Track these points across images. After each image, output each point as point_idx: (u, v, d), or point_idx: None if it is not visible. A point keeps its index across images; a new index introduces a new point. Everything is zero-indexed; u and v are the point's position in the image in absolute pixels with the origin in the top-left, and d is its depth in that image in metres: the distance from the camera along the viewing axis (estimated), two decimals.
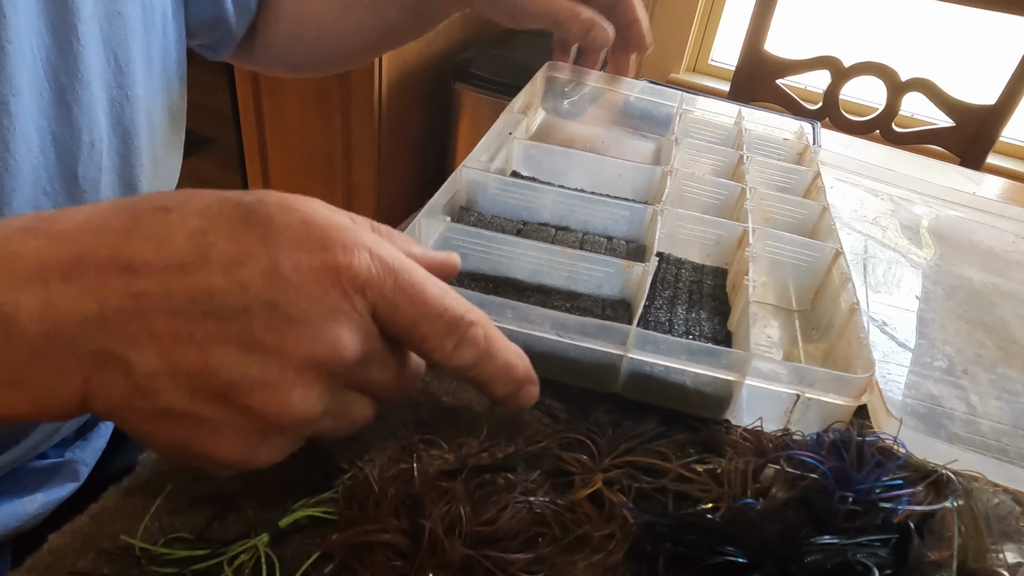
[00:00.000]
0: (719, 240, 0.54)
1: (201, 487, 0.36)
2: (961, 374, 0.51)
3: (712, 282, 0.53)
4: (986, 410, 0.48)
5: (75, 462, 0.58)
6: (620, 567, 0.35)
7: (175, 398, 0.30)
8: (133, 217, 0.30)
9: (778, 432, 0.39)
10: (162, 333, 0.29)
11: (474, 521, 0.33)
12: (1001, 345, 0.56)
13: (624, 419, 0.41)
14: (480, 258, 0.49)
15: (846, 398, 0.40)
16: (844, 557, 0.32)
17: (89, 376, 0.30)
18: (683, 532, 0.34)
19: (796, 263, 0.54)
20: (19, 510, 0.54)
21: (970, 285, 0.63)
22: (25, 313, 0.29)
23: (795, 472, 0.36)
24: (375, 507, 0.34)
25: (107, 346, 0.29)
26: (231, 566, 0.33)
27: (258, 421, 0.30)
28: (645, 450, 0.39)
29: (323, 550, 0.33)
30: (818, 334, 0.51)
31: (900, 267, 0.64)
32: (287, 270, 0.30)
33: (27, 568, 0.33)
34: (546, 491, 0.36)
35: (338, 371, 0.31)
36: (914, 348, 0.53)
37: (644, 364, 0.40)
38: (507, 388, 0.36)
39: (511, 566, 0.33)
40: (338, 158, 1.79)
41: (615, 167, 0.61)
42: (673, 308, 0.49)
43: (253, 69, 0.76)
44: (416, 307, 0.32)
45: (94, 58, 0.47)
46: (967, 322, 0.58)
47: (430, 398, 0.42)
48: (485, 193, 0.56)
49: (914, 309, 0.58)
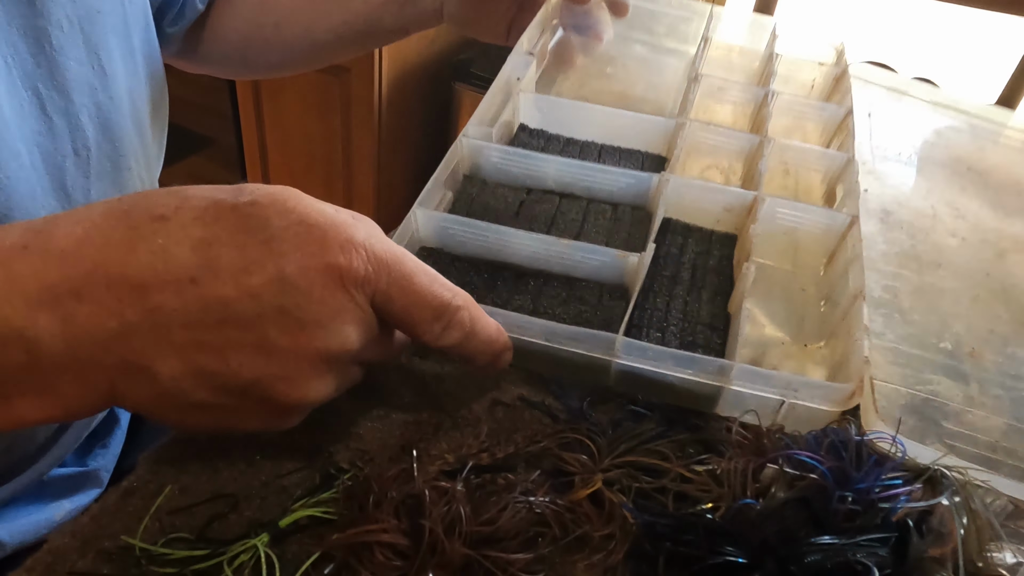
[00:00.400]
0: (728, 207, 0.53)
1: (201, 487, 0.36)
2: (966, 356, 0.49)
3: (719, 252, 0.52)
4: (984, 401, 0.47)
5: (98, 470, 0.59)
6: (620, 567, 0.35)
7: (201, 395, 0.32)
8: (132, 227, 0.31)
9: (774, 429, 0.39)
10: (182, 342, 0.31)
11: (474, 521, 0.33)
12: (1018, 317, 0.53)
13: (624, 419, 0.41)
14: (479, 244, 0.49)
15: (831, 405, 0.40)
16: (844, 557, 0.32)
17: (115, 382, 0.32)
18: (683, 532, 0.34)
19: (808, 230, 0.52)
20: (48, 517, 0.55)
21: (998, 239, 0.59)
22: (46, 334, 0.30)
23: (795, 472, 0.36)
24: (375, 507, 0.34)
25: (130, 358, 0.31)
26: (231, 566, 0.33)
27: (280, 407, 0.33)
28: (645, 450, 0.39)
29: (323, 550, 0.33)
30: (827, 305, 0.50)
31: (930, 221, 0.59)
32: (293, 276, 0.31)
33: (27, 568, 0.33)
34: (546, 491, 0.36)
35: (345, 359, 0.34)
36: (921, 324, 0.51)
37: (633, 367, 0.41)
38: (487, 359, 0.39)
39: (511, 566, 0.33)
40: (338, 158, 1.79)
41: (626, 119, 0.59)
42: (673, 290, 0.48)
43: (200, 69, 0.72)
44: (408, 296, 0.34)
45: (72, 63, 0.46)
46: (987, 289, 0.54)
47: (430, 398, 0.42)
48: (488, 160, 0.55)
49: (933, 275, 0.55)
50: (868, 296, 0.46)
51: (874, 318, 0.49)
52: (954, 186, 0.64)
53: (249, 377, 0.32)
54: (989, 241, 0.59)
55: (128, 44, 0.52)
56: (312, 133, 1.78)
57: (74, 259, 0.30)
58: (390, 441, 0.39)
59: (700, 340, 0.45)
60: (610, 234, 0.51)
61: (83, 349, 0.30)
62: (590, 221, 0.52)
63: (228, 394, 0.32)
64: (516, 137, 0.60)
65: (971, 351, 0.50)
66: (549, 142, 0.60)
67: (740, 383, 0.40)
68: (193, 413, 0.33)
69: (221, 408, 0.33)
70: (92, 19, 0.47)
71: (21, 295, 0.30)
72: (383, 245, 0.34)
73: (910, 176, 0.65)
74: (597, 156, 0.59)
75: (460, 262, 0.48)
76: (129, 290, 0.30)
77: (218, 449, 0.38)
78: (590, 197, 0.54)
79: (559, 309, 0.46)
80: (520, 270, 0.48)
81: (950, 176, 0.65)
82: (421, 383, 0.43)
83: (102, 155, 0.50)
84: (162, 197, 0.32)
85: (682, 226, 0.54)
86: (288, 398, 0.33)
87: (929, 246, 0.58)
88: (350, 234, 0.33)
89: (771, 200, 0.52)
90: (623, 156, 0.60)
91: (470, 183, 0.54)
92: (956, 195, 0.63)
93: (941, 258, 0.56)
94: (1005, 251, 0.59)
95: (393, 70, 1.68)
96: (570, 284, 0.47)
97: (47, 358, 0.30)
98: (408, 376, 0.43)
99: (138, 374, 0.31)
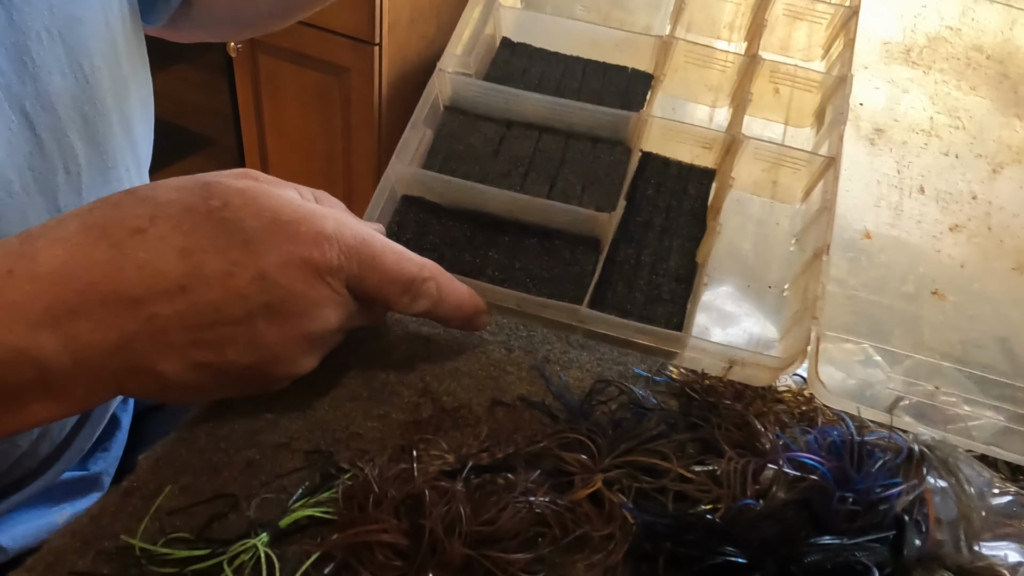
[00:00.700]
0: (707, 143, 0.53)
1: (201, 487, 0.36)
2: (927, 298, 0.48)
3: (695, 192, 0.52)
4: (932, 346, 0.45)
5: (100, 474, 0.59)
6: (620, 567, 0.35)
7: (203, 381, 0.35)
8: (113, 245, 0.33)
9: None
10: (180, 343, 0.34)
11: (474, 521, 0.33)
12: (996, 245, 0.50)
13: (624, 419, 0.41)
14: (457, 195, 0.49)
15: (773, 372, 0.43)
16: (844, 557, 0.32)
17: (123, 383, 0.35)
18: (683, 532, 0.34)
19: (788, 166, 0.53)
20: (50, 521, 0.55)
21: (997, 151, 0.55)
22: (52, 352, 0.32)
23: (795, 473, 0.36)
24: (375, 507, 0.34)
25: (134, 363, 0.34)
26: (231, 566, 0.33)
27: (274, 380, 0.38)
28: (645, 450, 0.39)
29: (323, 550, 0.33)
30: (797, 246, 0.50)
31: (923, 137, 0.55)
32: (274, 274, 0.35)
33: (27, 568, 0.33)
34: (546, 491, 0.36)
35: (328, 336, 0.38)
36: (887, 266, 0.49)
37: (596, 331, 0.45)
38: (460, 322, 0.43)
39: (511, 566, 0.33)
40: (338, 158, 1.79)
41: (612, 36, 0.58)
42: (645, 237, 0.49)
43: (191, 37, 0.70)
44: (378, 275, 0.38)
45: (56, 76, 0.45)
46: (969, 215, 0.51)
47: (430, 398, 0.42)
48: (467, 92, 0.55)
49: (913, 204, 0.51)
50: (839, 237, 0.47)
51: (840, 263, 0.48)
52: (964, 85, 0.59)
53: (245, 363, 0.35)
54: (986, 155, 0.55)
55: (112, 47, 0.50)
56: (312, 133, 1.78)
57: (64, 281, 0.32)
58: (390, 441, 0.39)
59: (665, 293, 0.47)
60: (587, 175, 0.51)
61: (90, 361, 0.33)
62: (568, 161, 0.52)
63: (227, 377, 0.36)
64: (498, 52, 0.59)
65: (934, 291, 0.48)
66: (532, 57, 0.59)
67: (691, 352, 0.44)
68: (198, 394, 0.38)
69: (222, 387, 0.37)
70: (72, 27, 0.45)
71: (21, 319, 0.32)
72: (352, 231, 0.37)
73: (917, 78, 0.59)
74: (581, 73, 0.58)
75: (440, 211, 0.49)
76: (124, 305, 0.33)
77: (218, 449, 0.38)
78: (570, 132, 0.54)
79: (533, 264, 0.47)
80: (498, 220, 0.49)
81: (963, 71, 0.60)
82: (421, 383, 0.43)
83: (93, 170, 0.49)
84: (133, 207, 0.34)
85: (660, 161, 0.54)
86: (281, 373, 0.37)
87: (916, 171, 0.54)
88: (321, 227, 0.36)
89: (749, 143, 0.51)
90: (609, 73, 0.58)
91: (452, 115, 0.54)
92: (963, 97, 0.59)
93: (926, 182, 0.54)
94: (1001, 165, 0.55)
95: (393, 70, 1.67)
96: (545, 235, 0.48)
97: (56, 371, 0.33)
98: (408, 376, 0.43)
99: (143, 374, 0.34)
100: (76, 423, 0.54)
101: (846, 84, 0.54)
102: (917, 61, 0.60)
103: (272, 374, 0.37)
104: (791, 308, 0.47)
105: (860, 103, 0.57)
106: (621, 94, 0.56)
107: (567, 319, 0.44)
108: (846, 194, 0.50)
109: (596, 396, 0.43)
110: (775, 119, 0.58)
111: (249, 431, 0.39)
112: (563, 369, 0.45)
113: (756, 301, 0.49)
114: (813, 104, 0.58)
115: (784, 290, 0.49)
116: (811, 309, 0.43)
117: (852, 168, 0.52)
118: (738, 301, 0.49)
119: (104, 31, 0.49)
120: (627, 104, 0.55)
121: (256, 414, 0.40)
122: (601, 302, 0.45)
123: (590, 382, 0.43)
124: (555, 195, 0.50)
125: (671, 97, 0.57)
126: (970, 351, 0.46)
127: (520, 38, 0.60)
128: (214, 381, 0.36)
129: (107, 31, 0.49)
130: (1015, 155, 0.55)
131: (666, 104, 0.57)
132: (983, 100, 0.59)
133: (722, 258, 0.50)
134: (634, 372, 0.45)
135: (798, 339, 0.43)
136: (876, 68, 0.59)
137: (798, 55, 0.62)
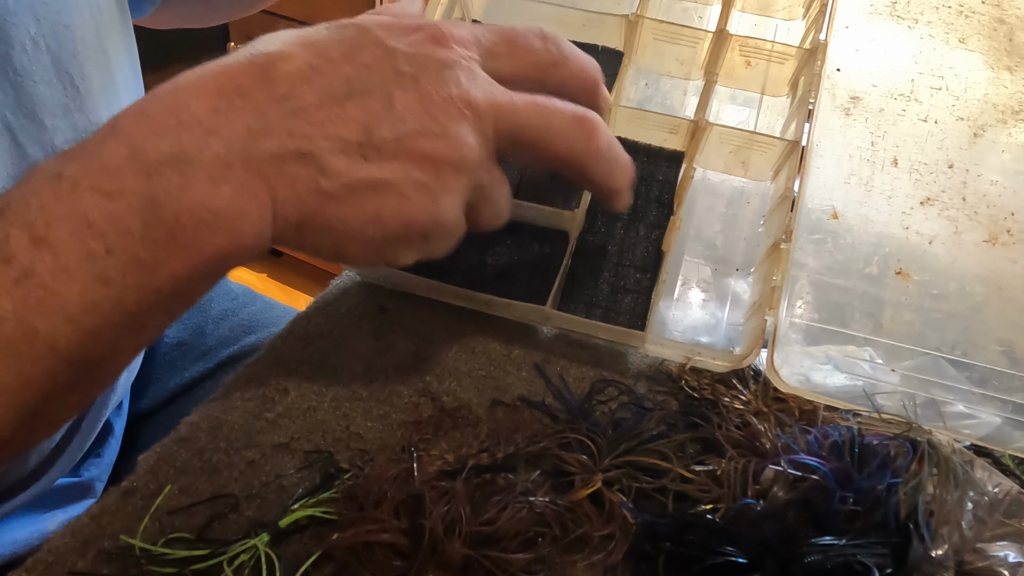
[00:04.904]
0: (673, 128, 0.53)
1: (201, 487, 0.36)
2: (891, 279, 0.46)
3: (663, 177, 0.52)
4: (893, 329, 0.44)
5: (92, 480, 0.59)
6: (620, 567, 0.35)
7: (355, 169, 0.34)
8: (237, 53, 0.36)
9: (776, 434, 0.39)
10: (321, 119, 0.34)
11: (474, 521, 0.33)
12: (970, 216, 0.48)
13: (624, 419, 0.41)
14: None
15: (729, 366, 0.44)
16: (844, 557, 0.32)
17: (273, 183, 0.33)
18: (683, 532, 0.34)
19: (754, 149, 0.52)
20: (41, 528, 0.54)
21: (980, 112, 0.50)
22: (193, 150, 0.32)
23: (796, 473, 0.36)
24: (375, 507, 0.34)
25: (279, 148, 0.33)
26: (231, 566, 0.33)
27: (431, 166, 0.35)
28: (645, 450, 0.39)
29: (323, 550, 0.33)
30: (764, 227, 0.50)
31: (902, 103, 0.53)
32: (397, 46, 0.36)
33: (27, 568, 0.33)
34: (546, 491, 0.36)
35: (475, 107, 0.36)
36: (852, 247, 0.47)
37: (561, 329, 0.47)
38: (584, 94, 0.42)
39: (511, 566, 0.33)
40: None
41: (579, 16, 0.58)
42: (612, 228, 0.50)
43: (171, 23, 0.70)
44: (504, 34, 0.40)
45: (41, 86, 0.44)
46: (942, 187, 0.49)
47: (430, 398, 0.42)
48: None
49: (884, 179, 0.50)
50: (806, 219, 0.47)
51: (805, 245, 0.47)
52: (952, 38, 0.56)
53: (390, 136, 0.34)
54: (968, 118, 0.52)
55: (102, 56, 0.49)
56: None
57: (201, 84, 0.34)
58: (390, 441, 0.39)
59: (631, 284, 0.48)
60: None
61: (232, 152, 0.32)
62: None
63: (380, 163, 0.34)
64: None
65: (899, 271, 0.47)
66: None
67: (653, 347, 0.45)
68: (353, 202, 0.34)
69: (377, 187, 0.34)
70: (60, 36, 0.44)
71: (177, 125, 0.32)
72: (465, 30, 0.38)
73: (901, 34, 0.55)
74: None
75: None
76: (261, 88, 0.34)
77: (218, 449, 0.38)
78: None
79: (503, 259, 0.48)
80: None
81: (953, 20, 0.56)
82: (421, 383, 0.43)
83: None
84: None
85: (629, 146, 0.53)
86: (434, 149, 0.35)
87: (891, 141, 0.51)
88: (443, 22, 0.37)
89: (714, 131, 0.51)
90: None
91: None
92: (950, 52, 0.55)
93: (900, 153, 0.51)
94: (984, 128, 0.51)
95: None
96: (514, 232, 0.49)
97: (200, 171, 0.32)
98: (408, 376, 0.43)
99: (290, 162, 0.33)
100: (69, 430, 0.53)
101: (815, 57, 0.53)
102: (903, 15, 0.57)
103: (426, 152, 0.35)
104: (753, 296, 0.48)
105: (837, 69, 0.54)
106: None
107: (533, 318, 0.46)
108: (816, 171, 0.49)
109: (596, 396, 0.43)
110: (751, 89, 0.58)
111: (249, 431, 0.39)
112: (563, 369, 0.45)
113: (723, 287, 0.49)
114: (787, 73, 0.57)
115: (750, 274, 0.49)
116: (768, 299, 0.44)
117: (824, 143, 0.51)
118: (704, 287, 0.50)
119: (94, 38, 0.48)
120: None
121: (256, 414, 0.40)
122: (569, 296, 0.47)
123: (590, 382, 0.44)
124: (524, 188, 0.50)
125: (643, 72, 0.56)
126: (930, 331, 0.45)
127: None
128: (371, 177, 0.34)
129: (97, 38, 0.48)
130: (999, 115, 0.53)
131: (639, 80, 0.57)
132: (972, 53, 0.55)
133: (691, 241, 0.51)
134: (634, 372, 0.45)
135: (756, 329, 0.43)
136: (858, 27, 0.56)
137: (779, 14, 0.61)
